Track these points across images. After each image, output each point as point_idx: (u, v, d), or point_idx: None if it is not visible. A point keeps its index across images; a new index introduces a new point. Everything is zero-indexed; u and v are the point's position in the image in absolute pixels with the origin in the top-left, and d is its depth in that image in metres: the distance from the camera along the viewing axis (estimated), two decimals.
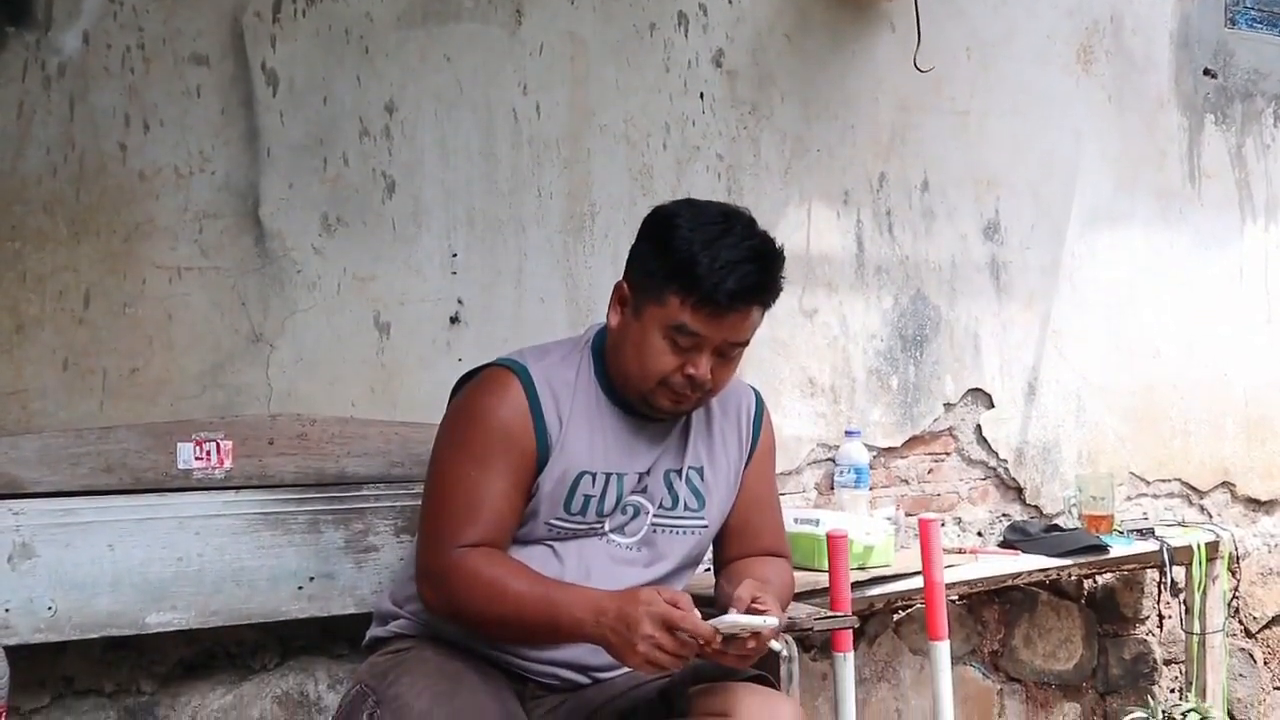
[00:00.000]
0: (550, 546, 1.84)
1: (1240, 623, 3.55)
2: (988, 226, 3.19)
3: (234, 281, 2.22)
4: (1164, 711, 3.17)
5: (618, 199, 2.66)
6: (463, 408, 1.85)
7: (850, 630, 2.26)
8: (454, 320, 2.42)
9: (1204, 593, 3.22)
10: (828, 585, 2.28)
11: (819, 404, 2.92)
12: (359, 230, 2.33)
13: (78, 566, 1.94)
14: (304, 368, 2.27)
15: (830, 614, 2.11)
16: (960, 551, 2.94)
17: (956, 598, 3.04)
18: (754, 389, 2.07)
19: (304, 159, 2.28)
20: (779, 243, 1.82)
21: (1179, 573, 3.23)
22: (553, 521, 1.83)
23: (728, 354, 1.80)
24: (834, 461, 2.89)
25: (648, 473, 1.88)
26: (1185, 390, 3.52)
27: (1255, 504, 3.64)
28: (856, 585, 2.44)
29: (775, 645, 1.65)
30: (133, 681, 2.13)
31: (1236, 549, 3.35)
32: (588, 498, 1.83)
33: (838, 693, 2.29)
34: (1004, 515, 3.21)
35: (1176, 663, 3.42)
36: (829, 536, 2.28)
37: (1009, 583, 2.85)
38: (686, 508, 1.91)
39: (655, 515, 1.89)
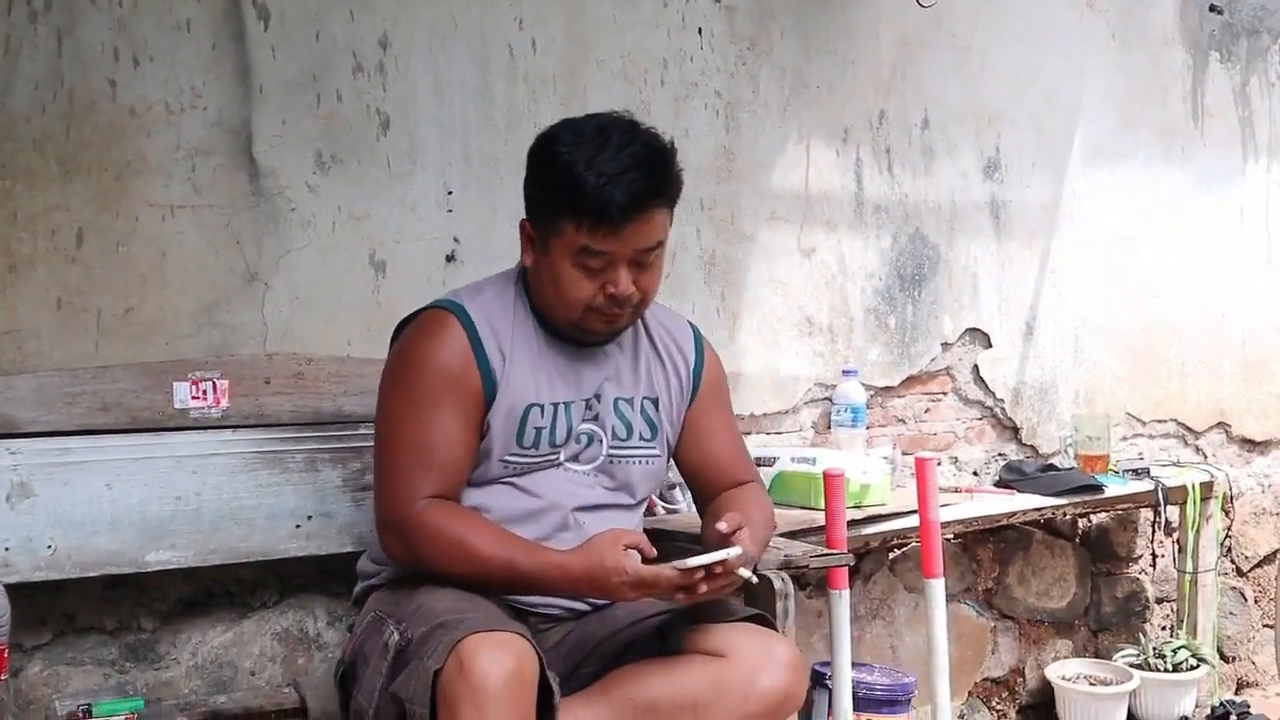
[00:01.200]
0: (510, 483, 1.84)
1: (1232, 562, 3.58)
2: (988, 164, 3.16)
3: (228, 219, 2.20)
4: (1154, 648, 3.21)
5: None
6: (404, 353, 1.84)
7: (846, 568, 2.28)
8: (450, 259, 2.40)
9: (1197, 532, 3.24)
10: (824, 523, 2.30)
11: (816, 343, 2.91)
12: (353, 168, 2.30)
13: (76, 505, 1.95)
14: (299, 306, 2.26)
15: (826, 552, 2.12)
16: (956, 490, 2.96)
17: (952, 536, 3.05)
18: (692, 325, 2.06)
19: (297, 95, 2.25)
20: (667, 137, 1.79)
21: (1173, 512, 3.25)
22: (507, 458, 1.83)
23: (644, 262, 1.78)
24: (831, 401, 2.89)
25: (598, 399, 1.88)
26: (1183, 331, 3.52)
27: (1250, 444, 3.65)
28: (853, 523, 2.45)
29: (743, 573, 1.66)
30: (133, 619, 2.14)
31: (1230, 489, 3.36)
32: (539, 429, 1.83)
33: (833, 629, 2.31)
34: (1000, 455, 3.22)
35: (1168, 601, 3.45)
36: (826, 475, 2.29)
37: (1004, 522, 2.86)
38: (641, 437, 1.92)
39: (611, 445, 1.90)
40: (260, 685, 2.23)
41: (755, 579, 1.88)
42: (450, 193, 2.40)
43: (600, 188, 1.69)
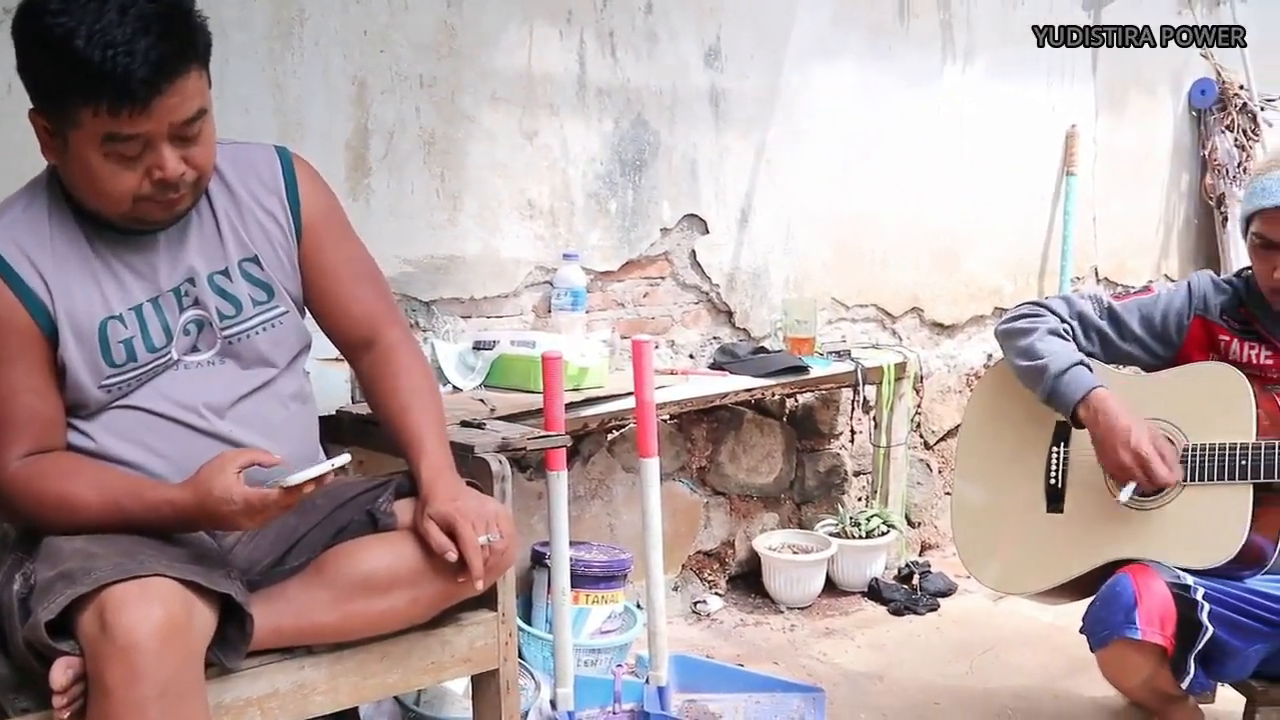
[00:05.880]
0: (126, 406, 1.68)
1: (921, 436, 3.86)
2: (709, 52, 3.20)
3: None
4: (851, 518, 3.45)
5: (328, 5, 2.51)
6: None
7: (563, 449, 2.30)
8: None
9: (891, 409, 3.48)
10: (542, 406, 2.31)
11: (537, 226, 2.90)
12: None
13: None
14: None
15: (543, 434, 2.14)
16: (672, 373, 3.05)
17: (667, 417, 3.16)
18: (279, 148, 1.83)
19: None
20: None
21: (871, 391, 3.47)
22: (106, 383, 1.65)
23: (188, 135, 1.56)
24: (551, 284, 2.90)
25: (191, 283, 1.70)
26: (885, 222, 3.71)
27: (940, 328, 3.92)
28: (571, 406, 2.49)
29: (338, 462, 1.60)
30: None
31: (921, 369, 3.61)
32: (127, 342, 1.65)
33: (551, 510, 2.34)
34: (715, 338, 3.33)
35: (864, 474, 3.70)
36: (544, 358, 2.29)
37: (717, 402, 2.97)
38: (255, 303, 1.75)
39: (222, 327, 1.72)
40: None
41: (496, 468, 1.89)
42: None
43: (111, 62, 1.44)
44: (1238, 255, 4.35)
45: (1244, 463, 2.08)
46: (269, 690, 1.66)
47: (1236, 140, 4.42)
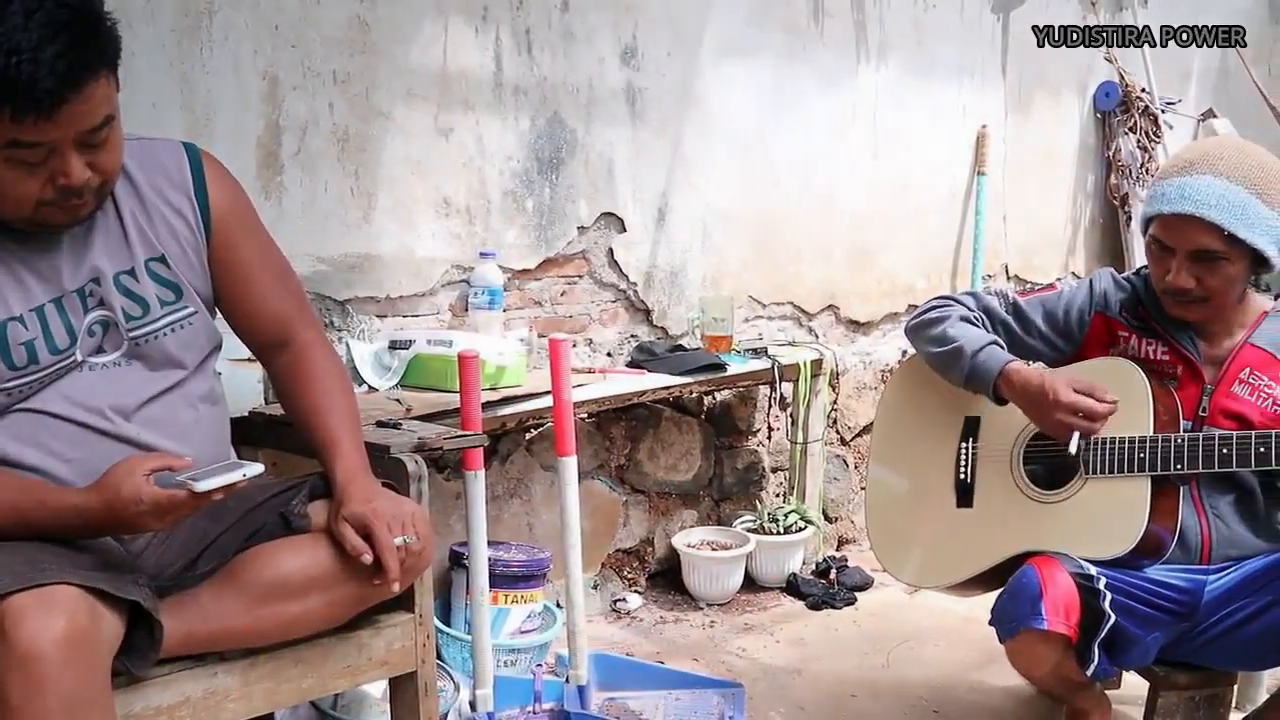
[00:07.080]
0: (28, 409, 1.63)
1: (837, 432, 3.91)
2: (625, 51, 3.21)
3: None
4: (769, 514, 3.49)
5: None
6: None
7: (481, 449, 2.29)
8: None
9: (808, 406, 3.52)
10: (459, 405, 2.30)
11: (454, 225, 2.88)
12: None
13: None
14: None
15: (459, 433, 2.13)
16: (590, 371, 3.05)
17: (586, 415, 3.16)
18: (187, 144, 1.79)
19: None
20: None
21: (787, 388, 3.51)
22: (6, 386, 1.60)
23: (94, 141, 1.53)
24: (468, 283, 2.88)
25: (96, 283, 1.66)
26: (801, 220, 3.75)
27: (855, 325, 3.98)
28: (488, 405, 2.48)
29: (250, 473, 1.59)
30: None
31: (837, 366, 3.66)
32: (28, 344, 1.61)
33: (468, 510, 2.33)
34: (633, 336, 3.33)
35: (782, 470, 3.74)
36: (460, 357, 2.28)
37: (635, 400, 2.98)
38: (163, 304, 1.71)
39: (128, 328, 1.68)
40: None
41: (412, 468, 1.86)
42: None
43: (15, 69, 1.40)
44: (1141, 254, 4.46)
45: (1142, 455, 2.14)
46: (180, 698, 1.63)
47: (1139, 142, 4.54)
